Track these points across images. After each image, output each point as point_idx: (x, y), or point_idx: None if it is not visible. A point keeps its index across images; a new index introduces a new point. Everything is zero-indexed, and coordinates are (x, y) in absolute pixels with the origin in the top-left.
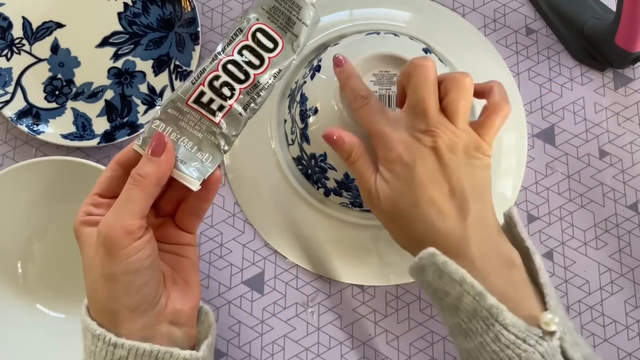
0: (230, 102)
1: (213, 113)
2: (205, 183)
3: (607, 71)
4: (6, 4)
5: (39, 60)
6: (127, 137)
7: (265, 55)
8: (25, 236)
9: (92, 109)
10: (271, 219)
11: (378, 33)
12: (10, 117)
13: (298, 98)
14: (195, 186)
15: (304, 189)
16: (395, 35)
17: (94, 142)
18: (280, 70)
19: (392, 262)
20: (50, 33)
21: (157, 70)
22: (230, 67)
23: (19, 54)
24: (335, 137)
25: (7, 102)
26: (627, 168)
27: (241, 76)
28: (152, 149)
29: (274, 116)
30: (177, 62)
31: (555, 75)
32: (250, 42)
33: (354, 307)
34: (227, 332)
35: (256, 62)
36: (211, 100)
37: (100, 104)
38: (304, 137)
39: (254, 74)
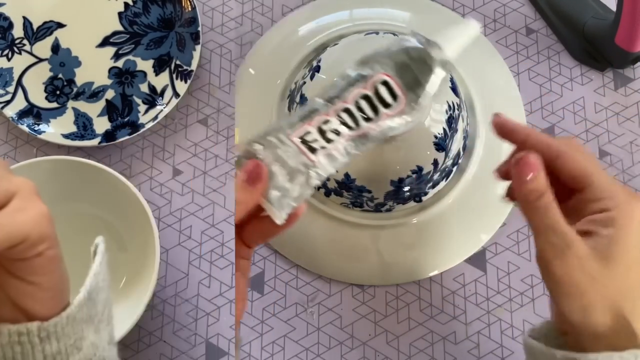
0: (333, 145)
1: (313, 151)
2: (288, 216)
3: (607, 71)
4: (7, 4)
5: (40, 60)
6: (128, 137)
7: (382, 109)
8: None
9: (93, 109)
10: None
11: (377, 33)
12: (11, 117)
13: (297, 99)
14: (280, 220)
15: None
16: (395, 35)
17: (95, 142)
18: (391, 128)
19: (392, 262)
20: (51, 33)
21: (157, 69)
22: (343, 115)
23: (20, 53)
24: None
25: (8, 102)
26: (627, 168)
27: (352, 124)
28: (248, 176)
29: (274, 117)
30: (178, 62)
31: (555, 75)
32: (370, 93)
33: (354, 307)
34: (228, 331)
35: (371, 114)
36: (314, 140)
37: (101, 103)
38: None
39: (366, 127)
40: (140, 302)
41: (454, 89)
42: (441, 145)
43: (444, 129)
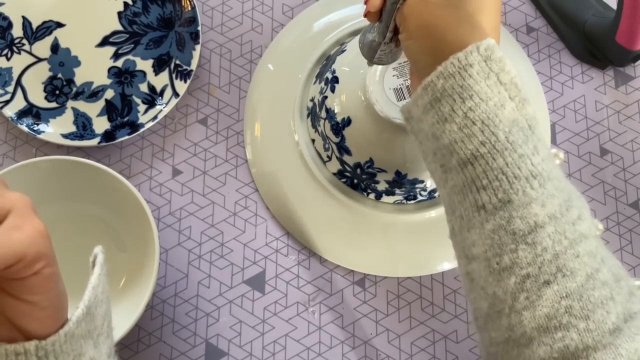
0: None
1: None
2: None
3: (608, 69)
4: (6, 3)
5: (39, 59)
6: (127, 137)
7: None
8: None
9: (93, 109)
10: (300, 219)
11: None
12: (11, 117)
13: (323, 114)
14: None
15: (349, 199)
16: None
17: (94, 142)
18: None
19: (401, 255)
20: (50, 32)
21: (157, 69)
22: None
23: (19, 53)
24: None
25: (7, 102)
26: (628, 166)
27: None
28: None
29: (296, 110)
30: (178, 62)
31: (556, 74)
32: None
33: (355, 306)
34: (228, 331)
35: None
36: None
37: (101, 103)
38: (343, 149)
39: None
40: (139, 303)
41: None
42: None
43: None
